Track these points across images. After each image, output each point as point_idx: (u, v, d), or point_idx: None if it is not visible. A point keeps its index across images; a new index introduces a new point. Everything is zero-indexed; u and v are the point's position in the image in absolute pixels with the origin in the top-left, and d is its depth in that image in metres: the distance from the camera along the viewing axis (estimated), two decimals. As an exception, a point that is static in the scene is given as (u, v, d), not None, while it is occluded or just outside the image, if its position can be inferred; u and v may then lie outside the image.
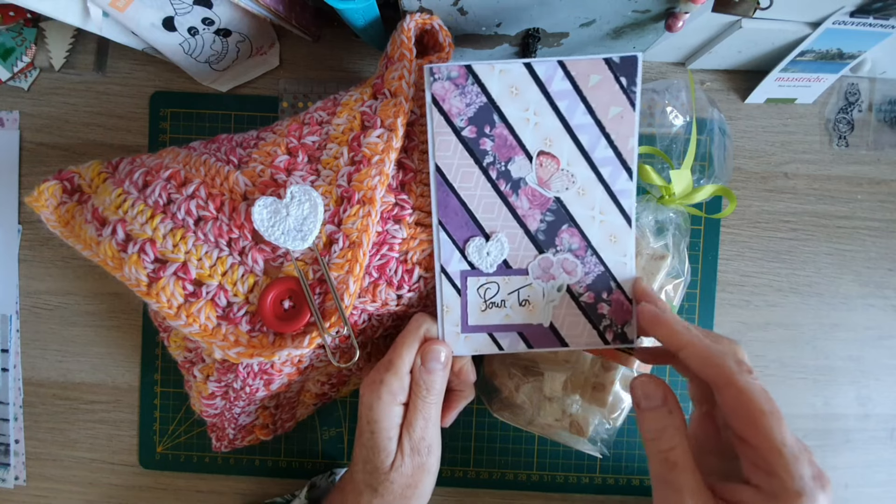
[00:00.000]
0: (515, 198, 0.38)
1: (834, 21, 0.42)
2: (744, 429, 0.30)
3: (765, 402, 0.30)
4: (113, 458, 0.52)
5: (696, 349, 0.33)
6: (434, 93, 0.37)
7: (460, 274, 0.38)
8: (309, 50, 0.52)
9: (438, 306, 0.38)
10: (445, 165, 0.37)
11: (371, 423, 0.37)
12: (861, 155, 0.53)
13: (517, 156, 0.37)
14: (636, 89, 0.36)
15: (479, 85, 0.37)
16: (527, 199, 0.37)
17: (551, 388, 0.43)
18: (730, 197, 0.44)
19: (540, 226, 0.38)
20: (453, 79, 0.37)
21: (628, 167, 0.37)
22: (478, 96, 0.37)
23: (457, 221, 0.38)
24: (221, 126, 0.51)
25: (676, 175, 0.42)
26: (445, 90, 0.37)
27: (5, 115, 0.51)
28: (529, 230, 0.38)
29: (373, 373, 0.38)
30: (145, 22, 0.41)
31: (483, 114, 0.37)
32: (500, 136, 0.37)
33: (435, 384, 0.37)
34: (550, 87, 0.37)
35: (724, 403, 0.31)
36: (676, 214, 0.44)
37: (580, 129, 0.37)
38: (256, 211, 0.36)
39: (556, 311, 0.38)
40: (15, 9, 0.47)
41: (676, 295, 0.43)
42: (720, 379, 0.31)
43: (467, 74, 0.37)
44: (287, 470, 0.52)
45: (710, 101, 0.47)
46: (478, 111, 0.37)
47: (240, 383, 0.40)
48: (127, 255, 0.37)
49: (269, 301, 0.37)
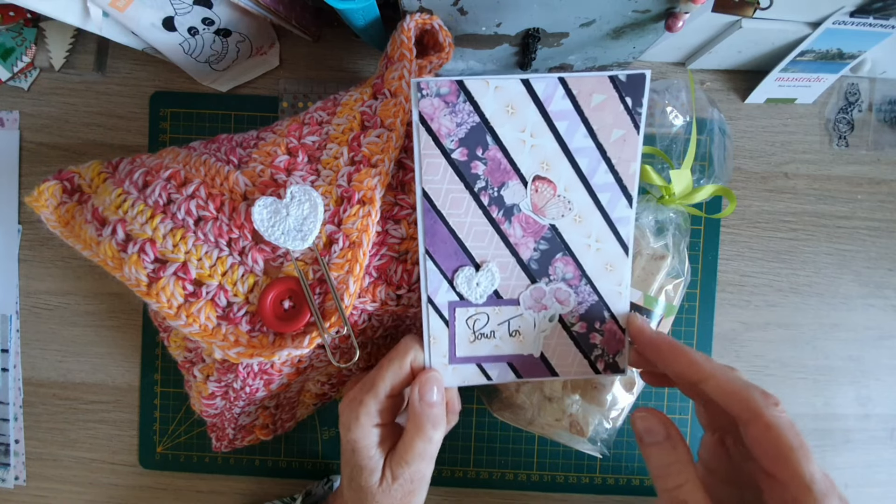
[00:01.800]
0: (508, 225, 0.35)
1: (834, 21, 0.42)
2: (771, 464, 0.29)
3: (794, 438, 0.29)
4: (113, 458, 0.52)
5: (719, 381, 0.32)
6: (422, 111, 0.34)
7: (448, 305, 0.36)
8: (309, 50, 0.52)
9: (425, 336, 0.37)
10: (433, 190, 0.35)
11: (351, 443, 0.36)
12: (861, 155, 0.53)
13: (511, 180, 0.35)
14: (641, 111, 0.34)
15: (471, 103, 0.34)
16: (520, 227, 0.35)
17: (551, 388, 0.43)
18: (730, 197, 0.44)
19: (533, 254, 0.36)
20: (443, 96, 0.34)
21: (628, 193, 0.35)
22: (470, 115, 0.34)
23: (445, 250, 0.35)
24: (221, 126, 0.51)
25: (676, 175, 0.42)
26: (434, 108, 0.34)
27: (5, 115, 0.51)
28: (522, 259, 0.36)
29: (353, 391, 0.37)
30: (145, 22, 0.41)
31: (475, 135, 0.34)
32: (493, 160, 0.34)
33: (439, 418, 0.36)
34: (549, 107, 0.34)
35: (751, 437, 0.30)
36: (676, 214, 0.44)
37: (579, 152, 0.35)
38: (256, 211, 0.36)
39: (546, 341, 0.37)
40: (15, 9, 0.47)
41: (676, 295, 0.43)
42: (747, 413, 0.30)
43: (459, 91, 0.34)
44: (287, 470, 0.52)
45: (710, 101, 0.47)
46: (469, 132, 0.34)
47: (240, 383, 0.40)
48: (127, 255, 0.37)
49: (269, 301, 0.37)
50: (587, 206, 0.35)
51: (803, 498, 0.28)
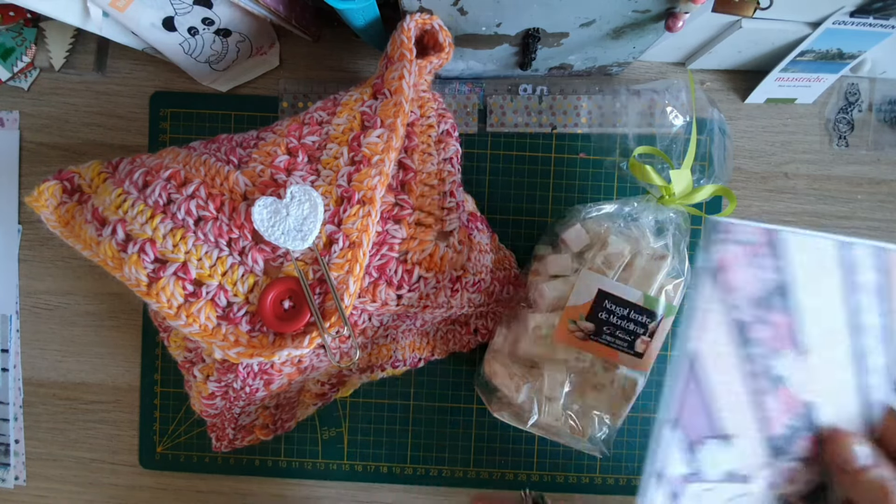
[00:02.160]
0: (768, 398, 0.30)
1: (834, 21, 0.42)
2: None
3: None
4: (113, 458, 0.52)
5: None
6: (719, 257, 0.29)
7: (680, 479, 0.30)
8: (309, 50, 0.52)
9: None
10: (702, 349, 0.29)
11: None
12: (861, 155, 0.53)
13: (786, 349, 0.30)
14: None
15: (777, 258, 0.29)
16: (779, 402, 0.30)
17: (551, 389, 0.43)
18: (730, 197, 0.44)
19: (784, 432, 0.31)
20: (748, 244, 0.28)
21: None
22: (773, 272, 0.29)
23: (694, 419, 0.30)
24: (221, 126, 0.51)
25: (676, 175, 0.42)
26: (734, 257, 0.28)
27: (5, 115, 0.51)
28: (771, 435, 0.31)
29: None
30: (145, 22, 0.41)
31: (770, 295, 0.29)
32: (778, 326, 0.29)
33: None
34: (855, 276, 0.29)
35: None
36: (676, 214, 0.44)
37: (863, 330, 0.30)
38: (256, 211, 0.36)
39: None
40: (15, 9, 0.47)
41: (677, 295, 0.43)
42: None
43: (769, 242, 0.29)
44: (287, 470, 0.52)
45: (710, 101, 0.47)
46: (766, 290, 0.29)
47: (240, 383, 0.40)
48: (127, 255, 0.37)
49: (269, 301, 0.37)
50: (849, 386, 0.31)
51: None
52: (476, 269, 0.42)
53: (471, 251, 0.42)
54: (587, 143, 0.52)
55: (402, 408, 0.52)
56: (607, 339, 0.43)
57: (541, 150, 0.52)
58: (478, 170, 0.51)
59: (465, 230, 0.42)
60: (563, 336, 0.43)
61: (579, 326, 0.43)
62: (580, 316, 0.43)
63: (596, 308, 0.42)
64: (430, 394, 0.52)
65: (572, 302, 0.43)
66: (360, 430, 0.52)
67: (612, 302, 0.42)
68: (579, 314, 0.43)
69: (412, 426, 0.52)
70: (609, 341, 0.43)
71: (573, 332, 0.43)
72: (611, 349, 0.43)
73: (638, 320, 0.42)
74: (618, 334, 0.43)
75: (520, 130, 0.51)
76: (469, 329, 0.49)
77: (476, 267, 0.42)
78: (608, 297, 0.42)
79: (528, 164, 0.51)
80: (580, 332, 0.43)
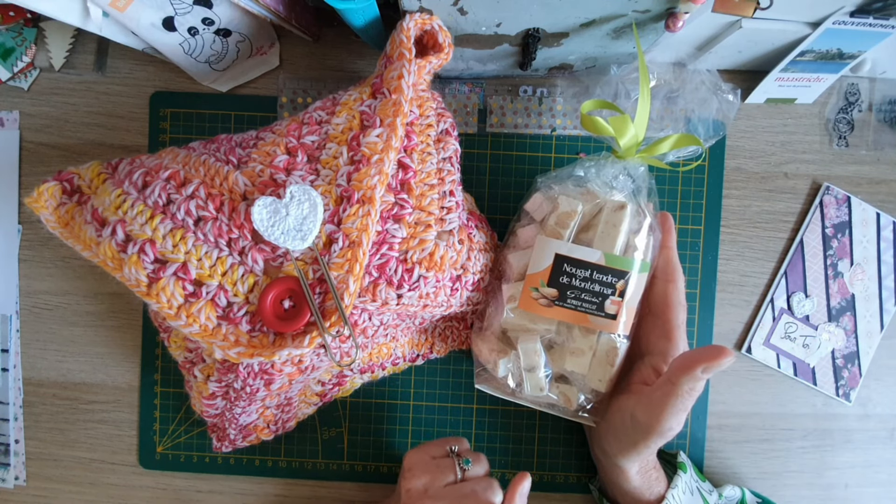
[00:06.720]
0: (832, 281, 0.53)
1: (834, 21, 0.42)
2: None
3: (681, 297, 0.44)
4: (113, 458, 0.52)
5: None
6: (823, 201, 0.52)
7: (780, 310, 0.53)
8: (309, 50, 0.52)
9: None
10: (806, 243, 0.52)
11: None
12: (861, 155, 0.53)
13: (847, 259, 0.52)
14: None
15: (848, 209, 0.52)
16: (836, 286, 0.53)
17: (527, 359, 0.43)
18: (697, 143, 0.42)
19: (836, 304, 0.53)
20: (838, 199, 0.52)
21: None
22: (845, 215, 0.52)
23: (794, 277, 0.52)
24: (221, 126, 0.51)
25: (616, 121, 0.40)
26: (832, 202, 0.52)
27: (5, 115, 0.51)
28: (830, 303, 0.53)
29: None
30: (145, 22, 0.41)
31: (841, 226, 0.52)
32: (842, 244, 0.52)
33: None
34: (882, 234, 0.53)
35: None
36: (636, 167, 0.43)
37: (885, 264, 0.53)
38: (256, 211, 0.36)
39: None
40: (15, 9, 0.47)
41: (640, 249, 0.42)
42: None
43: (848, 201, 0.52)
44: (287, 470, 0.52)
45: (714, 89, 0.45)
46: (839, 223, 0.52)
47: (240, 383, 0.40)
48: (127, 256, 0.37)
49: (269, 301, 0.37)
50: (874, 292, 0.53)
51: None
52: (476, 267, 0.42)
53: (471, 250, 0.42)
54: (587, 144, 0.52)
55: (402, 408, 0.52)
56: (573, 303, 0.42)
57: (541, 151, 0.52)
58: (478, 170, 0.51)
59: (464, 229, 0.42)
60: (527, 304, 0.42)
61: (542, 293, 0.42)
62: (541, 282, 0.42)
63: (556, 273, 0.41)
64: (430, 394, 0.52)
65: (532, 269, 0.42)
66: (360, 430, 0.52)
67: (572, 265, 0.41)
68: (539, 280, 0.42)
69: (412, 426, 0.52)
70: (575, 305, 0.42)
71: (537, 300, 0.42)
72: (579, 313, 0.41)
73: (603, 280, 0.41)
74: (584, 297, 0.41)
75: (520, 131, 0.51)
76: (466, 324, 0.49)
77: (476, 266, 0.42)
78: (566, 261, 0.41)
79: (528, 164, 0.51)
80: (544, 298, 0.42)
